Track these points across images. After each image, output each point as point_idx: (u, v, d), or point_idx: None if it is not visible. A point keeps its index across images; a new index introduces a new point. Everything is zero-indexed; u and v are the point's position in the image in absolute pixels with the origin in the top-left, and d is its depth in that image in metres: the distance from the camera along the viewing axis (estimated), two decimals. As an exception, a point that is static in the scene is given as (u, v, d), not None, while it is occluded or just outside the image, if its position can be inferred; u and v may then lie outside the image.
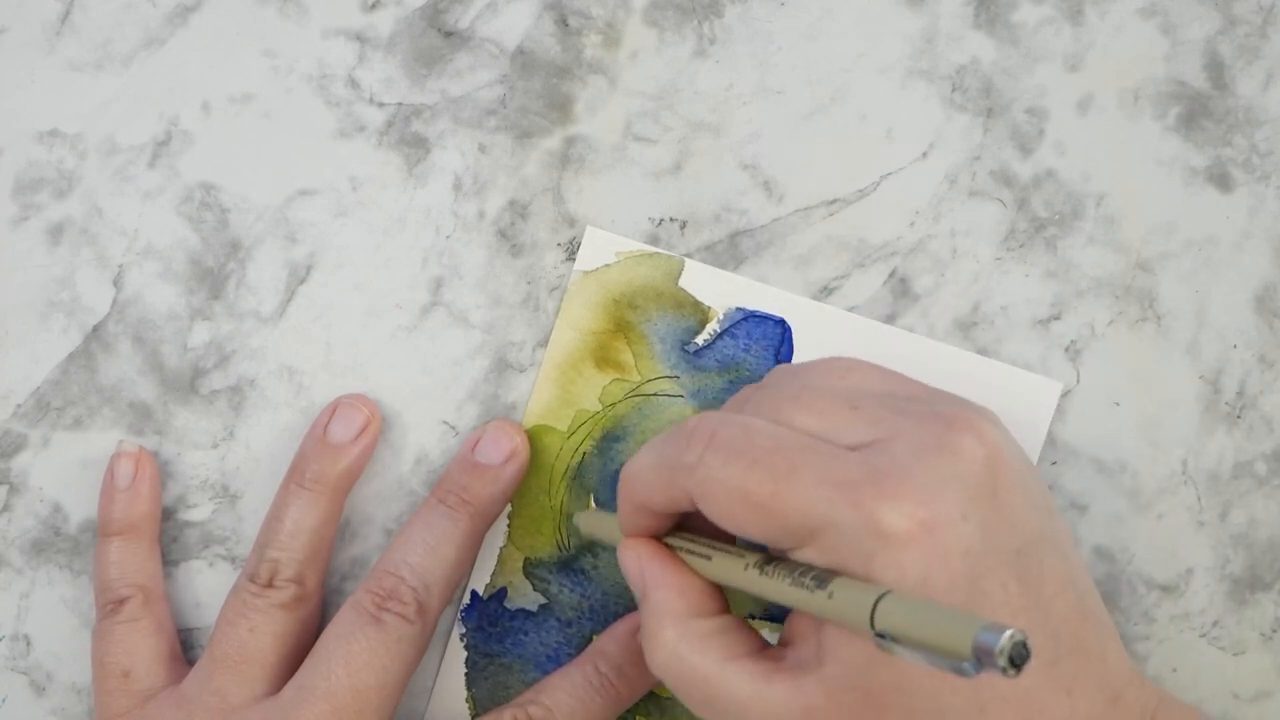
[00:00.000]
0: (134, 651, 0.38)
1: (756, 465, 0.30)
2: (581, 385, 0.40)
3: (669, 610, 0.32)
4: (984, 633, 0.24)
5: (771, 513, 0.30)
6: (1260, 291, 0.39)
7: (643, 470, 0.33)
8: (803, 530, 0.29)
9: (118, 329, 0.41)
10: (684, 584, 0.33)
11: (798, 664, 0.31)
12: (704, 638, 0.32)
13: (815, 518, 0.29)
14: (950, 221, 0.40)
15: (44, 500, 0.41)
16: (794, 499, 0.29)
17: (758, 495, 0.30)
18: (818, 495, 0.29)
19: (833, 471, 0.29)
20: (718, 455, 0.31)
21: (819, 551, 0.29)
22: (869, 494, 0.29)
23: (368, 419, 0.39)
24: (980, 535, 0.29)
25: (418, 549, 0.37)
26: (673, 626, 0.32)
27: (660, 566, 0.33)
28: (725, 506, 0.30)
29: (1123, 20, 0.40)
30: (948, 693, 0.29)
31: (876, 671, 0.29)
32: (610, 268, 0.40)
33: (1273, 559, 0.39)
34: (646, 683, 0.38)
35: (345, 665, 0.35)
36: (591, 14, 0.41)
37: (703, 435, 0.31)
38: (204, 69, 0.41)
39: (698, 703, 0.32)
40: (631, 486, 0.33)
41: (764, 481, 0.30)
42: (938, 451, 0.30)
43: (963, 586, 0.28)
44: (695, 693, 0.32)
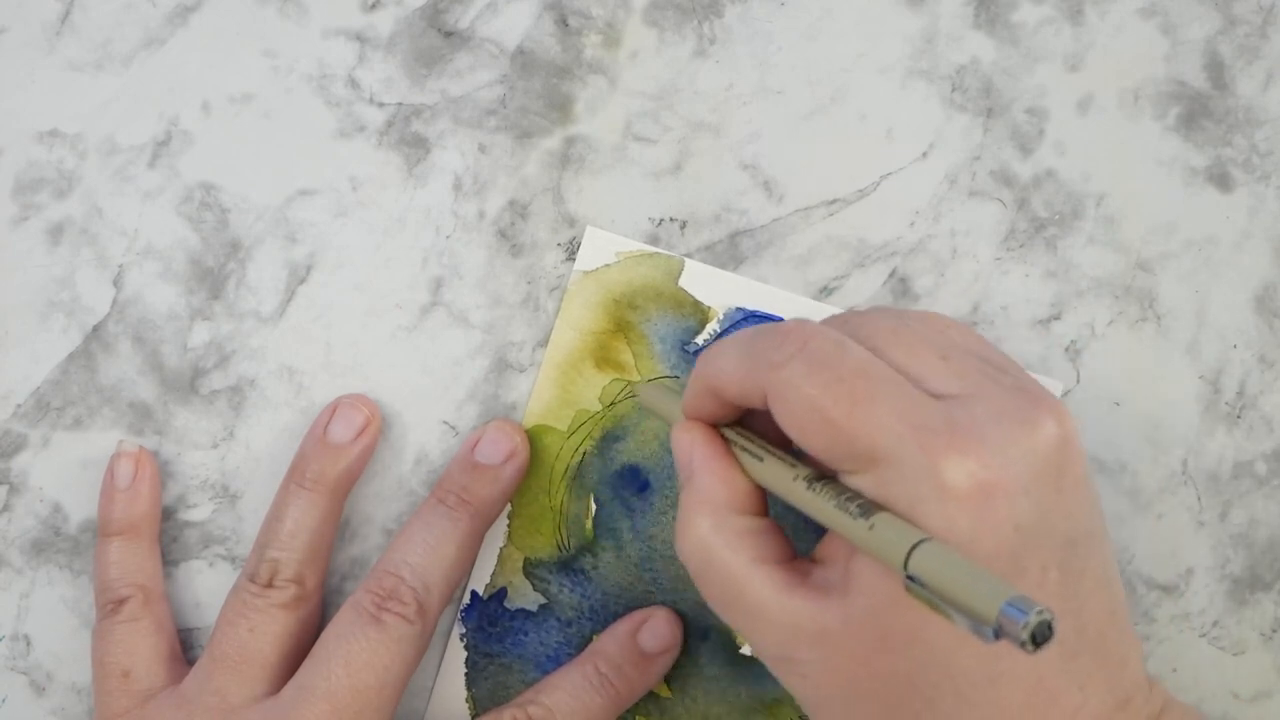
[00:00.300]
0: (134, 651, 0.38)
1: (840, 383, 0.30)
2: (582, 385, 0.40)
3: (710, 497, 0.32)
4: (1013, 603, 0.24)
5: (840, 431, 0.29)
6: (1260, 291, 0.39)
7: (726, 355, 0.32)
8: (864, 457, 0.29)
9: (118, 329, 0.41)
10: (730, 476, 0.33)
11: (823, 584, 0.30)
12: (738, 534, 0.32)
13: (881, 449, 0.29)
14: (950, 221, 0.40)
15: (44, 500, 0.41)
16: (866, 425, 0.29)
17: (832, 412, 0.29)
18: (890, 428, 0.29)
19: (911, 411, 0.29)
20: (805, 363, 0.30)
21: (873, 482, 0.29)
22: (940, 442, 0.28)
23: (368, 419, 0.39)
24: (1036, 515, 0.29)
25: (418, 549, 0.37)
26: (711, 515, 0.32)
27: (711, 453, 0.33)
28: (797, 413, 0.30)
29: (1123, 20, 0.40)
30: (963, 655, 0.29)
31: (898, 614, 0.29)
32: (610, 268, 0.40)
33: (1273, 559, 0.39)
34: (646, 683, 0.38)
35: (345, 665, 0.35)
36: (591, 14, 0.41)
37: (796, 339, 0.31)
38: (204, 69, 0.41)
39: (716, 596, 0.32)
40: (710, 368, 0.33)
41: (842, 400, 0.29)
42: (1016, 422, 0.29)
43: (1005, 559, 0.28)
44: (716, 586, 0.31)
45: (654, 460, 0.40)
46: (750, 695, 0.39)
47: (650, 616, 0.39)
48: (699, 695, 0.39)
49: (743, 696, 0.39)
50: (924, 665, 0.29)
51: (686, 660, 0.39)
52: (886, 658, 0.29)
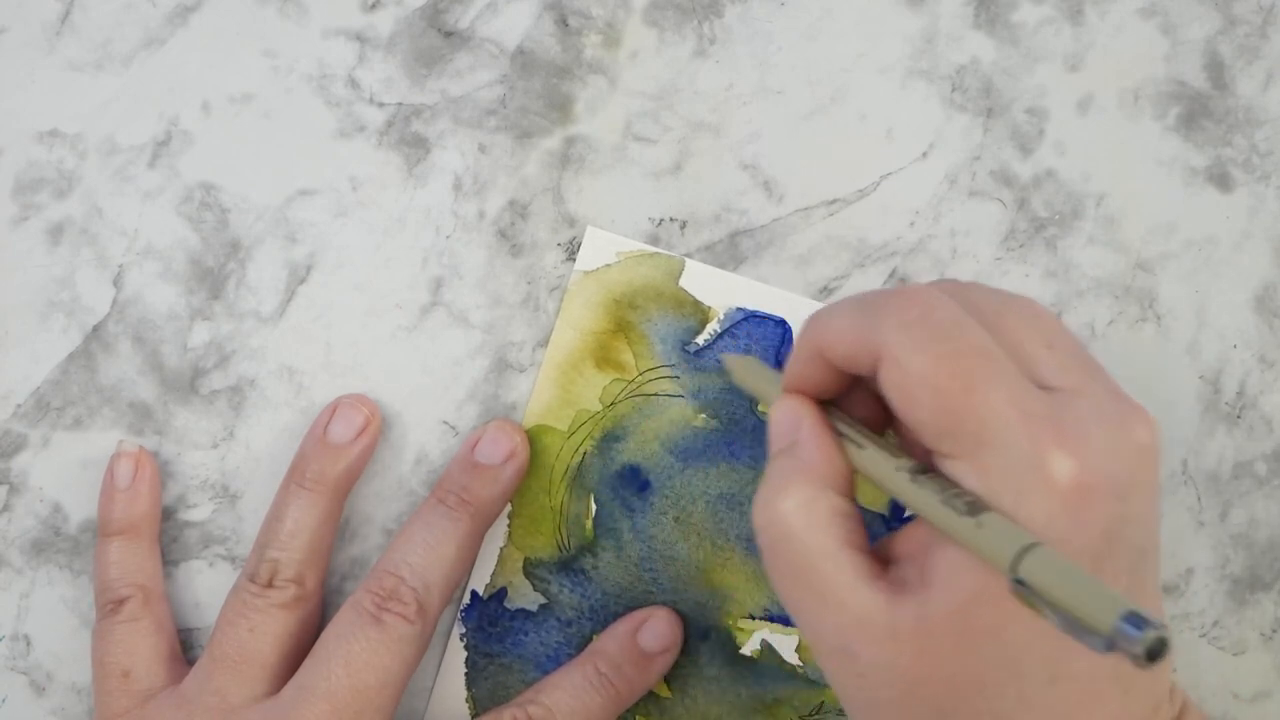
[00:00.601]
0: (134, 651, 0.38)
1: (960, 359, 0.29)
2: (582, 385, 0.40)
3: (812, 470, 0.31)
4: (1129, 618, 0.24)
5: (951, 409, 0.29)
6: (1260, 291, 0.39)
7: (840, 317, 0.31)
8: (971, 438, 0.29)
9: (118, 329, 0.41)
10: (834, 454, 0.32)
11: (900, 580, 0.30)
12: (832, 513, 0.31)
13: (990, 433, 0.28)
14: (950, 221, 0.40)
15: (44, 500, 0.41)
16: (979, 406, 0.28)
17: (948, 387, 0.29)
18: (1002, 414, 0.28)
19: (1022, 399, 0.29)
20: (926, 331, 0.29)
21: (975, 467, 0.29)
22: (1048, 434, 0.28)
23: (368, 419, 0.39)
24: (1121, 521, 0.29)
25: (418, 549, 0.37)
26: (809, 488, 0.31)
27: (820, 427, 0.32)
28: (910, 381, 0.29)
29: (1123, 20, 0.40)
30: (1031, 657, 0.28)
31: (978, 614, 0.28)
32: (610, 268, 0.40)
33: (1273, 559, 0.39)
34: (646, 682, 0.38)
35: (345, 665, 0.35)
36: (591, 14, 0.41)
37: (919, 305, 0.30)
38: (204, 69, 0.41)
39: (786, 572, 0.31)
40: (820, 329, 0.32)
41: (959, 377, 0.29)
42: (1117, 426, 0.29)
43: (1088, 560, 0.28)
44: (790, 560, 0.30)
45: (654, 460, 0.40)
46: (750, 695, 0.39)
47: (650, 616, 0.39)
48: (699, 695, 0.39)
49: (743, 696, 0.39)
50: (994, 666, 0.29)
51: (686, 660, 0.39)
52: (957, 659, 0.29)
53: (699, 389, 0.40)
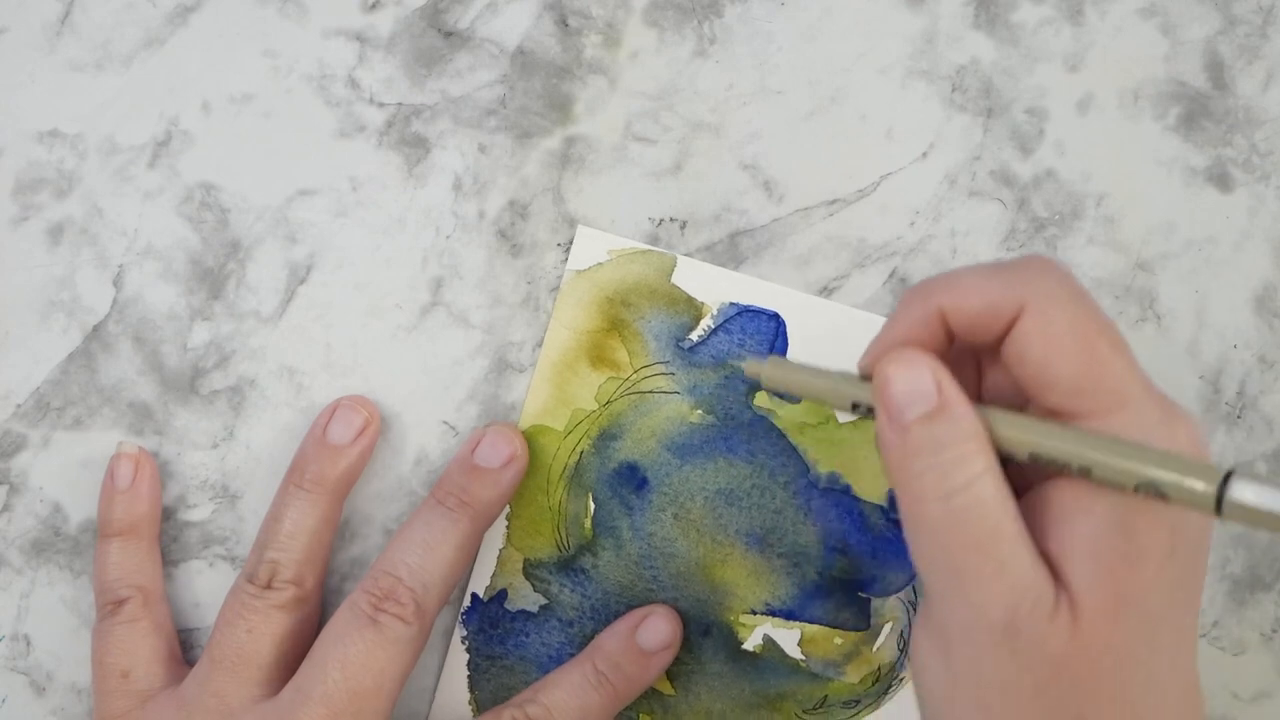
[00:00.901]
0: (133, 652, 0.38)
1: (1102, 318, 0.29)
2: (577, 384, 0.40)
3: (981, 435, 0.29)
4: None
5: (1099, 364, 0.28)
6: (1260, 291, 0.39)
7: (969, 274, 0.30)
8: (1113, 397, 0.28)
9: (118, 329, 0.41)
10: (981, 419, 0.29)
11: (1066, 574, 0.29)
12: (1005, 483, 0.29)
13: (1129, 393, 0.28)
14: (950, 221, 0.40)
15: (44, 500, 0.41)
16: (1121, 366, 0.29)
17: (1098, 341, 0.29)
18: (1136, 377, 0.29)
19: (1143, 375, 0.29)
20: (1069, 289, 0.29)
21: (1114, 426, 0.28)
22: (1167, 403, 0.29)
23: (367, 420, 0.39)
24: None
25: (416, 549, 0.37)
26: (986, 454, 0.29)
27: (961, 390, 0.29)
28: (1058, 333, 0.29)
29: (1123, 20, 0.40)
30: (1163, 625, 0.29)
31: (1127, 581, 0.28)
32: (603, 266, 0.40)
33: (1273, 559, 0.39)
34: (645, 680, 0.38)
35: (342, 667, 0.35)
36: (591, 14, 0.41)
37: (1058, 268, 0.30)
38: (204, 69, 0.41)
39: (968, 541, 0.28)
40: (949, 287, 0.30)
41: (1104, 333, 0.29)
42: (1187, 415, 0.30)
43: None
44: (976, 530, 0.28)
45: (651, 458, 0.40)
46: (753, 691, 0.39)
47: (649, 614, 0.39)
48: (702, 692, 0.39)
49: (745, 692, 0.39)
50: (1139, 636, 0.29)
51: (689, 657, 0.39)
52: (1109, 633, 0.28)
53: (694, 385, 0.40)
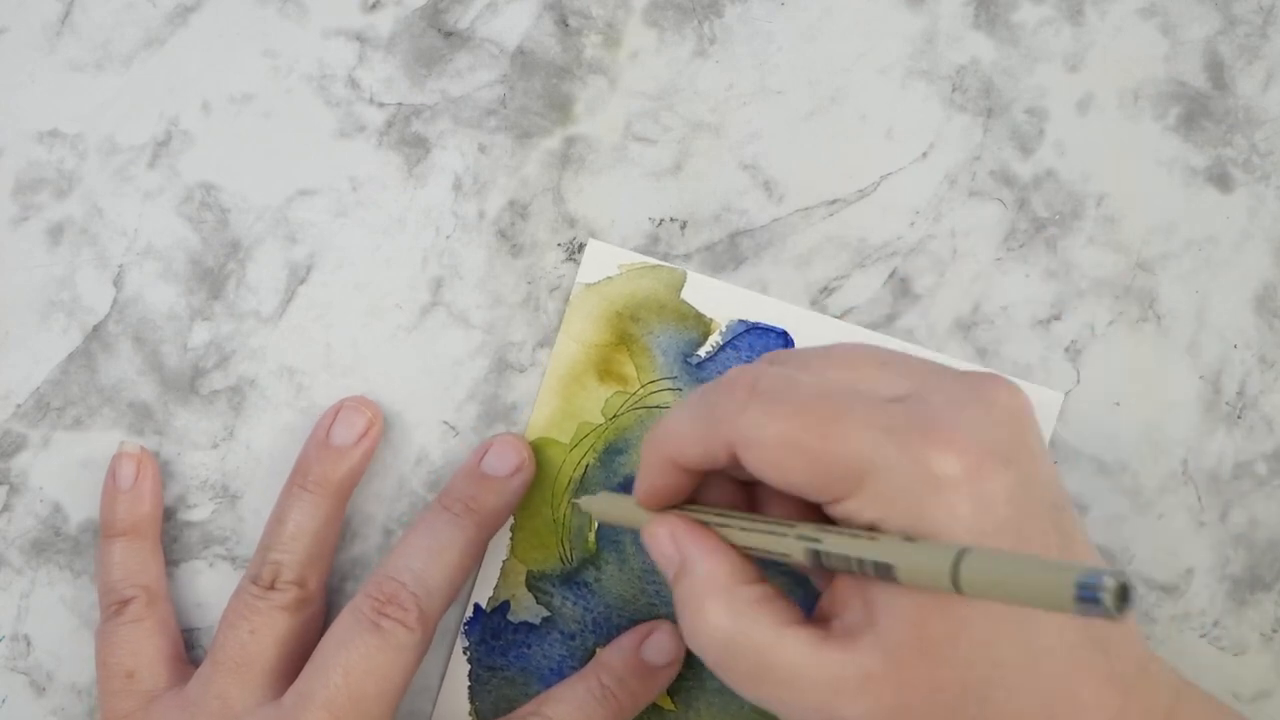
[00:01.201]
0: (138, 652, 0.38)
1: (803, 411, 0.29)
2: (584, 398, 0.40)
3: (714, 580, 0.31)
4: (1083, 579, 0.24)
5: (820, 458, 0.29)
6: (1260, 291, 0.39)
7: (679, 423, 0.32)
8: (850, 476, 0.29)
9: (118, 329, 0.41)
10: (725, 552, 0.32)
11: (848, 630, 0.30)
12: (752, 605, 0.31)
13: (864, 462, 0.29)
14: (950, 221, 0.40)
15: (44, 500, 0.41)
16: (843, 443, 0.29)
17: (806, 440, 0.29)
18: (866, 439, 0.29)
19: (878, 417, 0.29)
20: (762, 403, 0.30)
21: (865, 500, 0.29)
22: (916, 439, 0.28)
23: (369, 421, 0.39)
24: (1020, 484, 0.29)
25: (420, 555, 0.37)
26: (721, 596, 0.31)
27: (697, 535, 0.32)
28: (771, 453, 0.30)
29: (1123, 20, 0.40)
30: (1003, 644, 0.29)
31: (933, 625, 0.29)
32: (612, 280, 0.40)
33: (1273, 559, 0.39)
34: (649, 695, 0.38)
35: (344, 672, 0.35)
36: (591, 14, 0.41)
37: (744, 385, 0.30)
38: (204, 69, 0.41)
39: (746, 675, 0.31)
40: (664, 440, 0.32)
41: (811, 426, 0.29)
42: (975, 402, 0.30)
43: (1010, 533, 0.28)
44: (746, 664, 0.31)
45: None
46: (753, 707, 0.39)
47: (654, 629, 0.39)
48: (702, 708, 0.39)
49: (745, 709, 0.39)
50: (970, 664, 0.29)
51: (689, 673, 0.39)
52: (933, 671, 0.29)
53: None
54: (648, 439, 0.33)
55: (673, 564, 0.32)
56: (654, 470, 0.33)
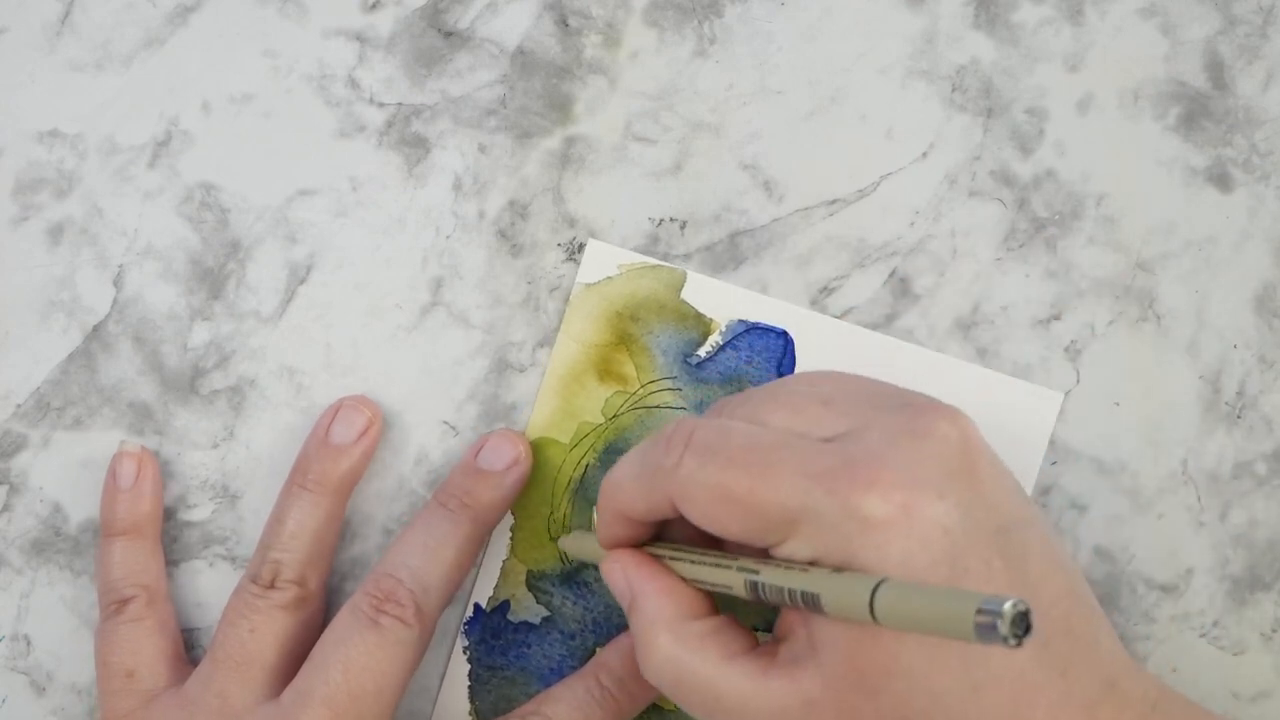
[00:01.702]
0: (138, 652, 0.38)
1: (733, 463, 0.30)
2: (584, 398, 0.40)
3: (660, 615, 0.33)
4: (984, 608, 0.24)
5: (750, 508, 0.30)
6: (1260, 291, 0.39)
7: (623, 479, 0.33)
8: (782, 523, 0.30)
9: (118, 329, 0.41)
10: (672, 587, 0.33)
11: (792, 658, 0.31)
12: (700, 639, 0.32)
13: (794, 510, 0.29)
14: (950, 221, 0.40)
15: (44, 500, 0.41)
16: (772, 493, 0.30)
17: (736, 492, 0.30)
18: (795, 487, 0.29)
19: (808, 463, 0.30)
20: (696, 456, 0.31)
21: (801, 543, 0.30)
22: (844, 481, 0.29)
23: (369, 420, 0.39)
24: (959, 514, 0.29)
25: (417, 551, 0.37)
26: (667, 630, 0.32)
27: (647, 572, 0.33)
28: (705, 506, 0.31)
29: (1123, 20, 0.40)
30: (941, 674, 0.29)
31: (866, 657, 0.29)
32: (612, 280, 0.40)
33: (1273, 559, 0.39)
34: (648, 695, 0.38)
35: (343, 669, 0.35)
36: (591, 14, 0.41)
37: (680, 438, 0.32)
38: (204, 69, 0.41)
39: (697, 705, 0.32)
40: (612, 495, 0.34)
41: (740, 478, 0.30)
42: (910, 435, 0.30)
43: (945, 564, 0.29)
44: (694, 695, 0.32)
45: None
46: None
47: None
48: None
49: None
50: (907, 696, 0.29)
51: None
52: (872, 701, 0.29)
53: (701, 401, 0.40)
54: (601, 490, 0.34)
55: (625, 598, 0.34)
56: (608, 522, 0.34)
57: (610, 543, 0.35)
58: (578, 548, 0.38)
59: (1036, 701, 0.29)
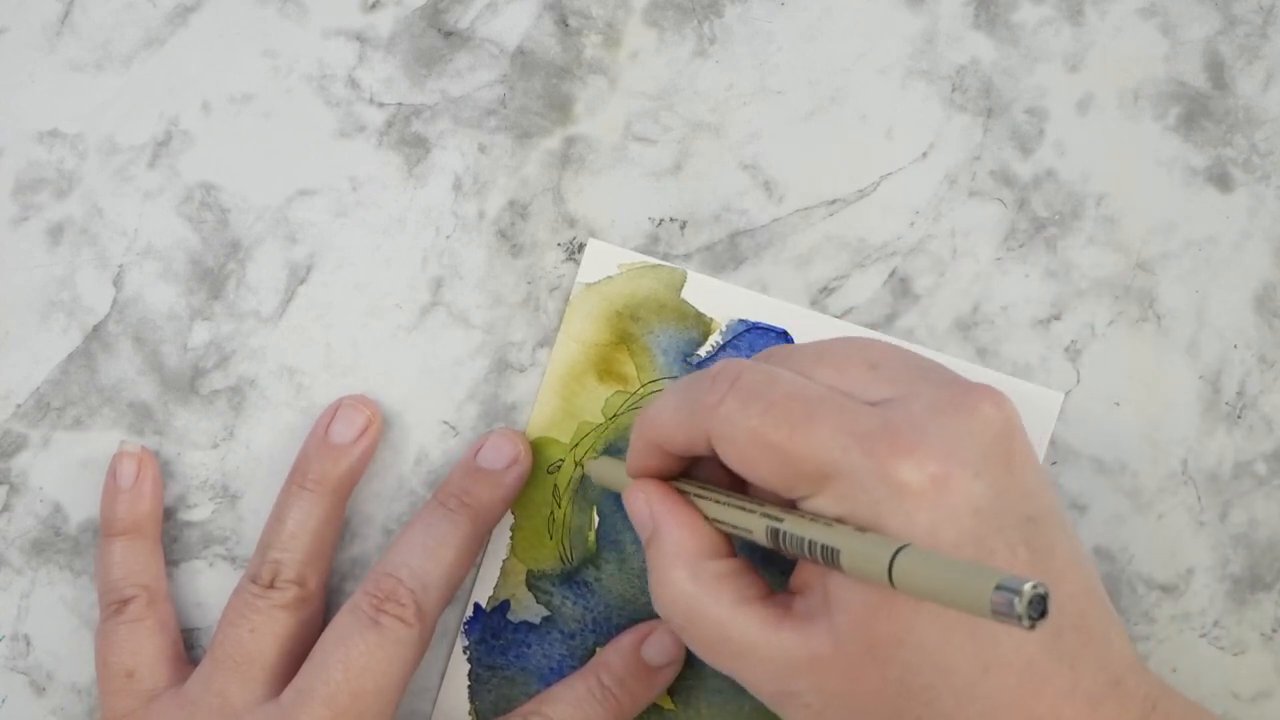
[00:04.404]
0: (138, 651, 0.38)
1: (775, 409, 0.30)
2: (584, 398, 0.40)
3: (681, 550, 0.32)
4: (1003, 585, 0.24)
5: (786, 457, 0.30)
6: (1260, 291, 0.39)
7: (664, 410, 0.33)
8: (816, 476, 0.30)
9: (118, 329, 0.41)
10: (695, 524, 0.33)
11: (806, 612, 0.31)
12: (716, 579, 0.32)
13: (829, 464, 0.29)
14: (950, 221, 0.40)
15: (44, 500, 0.41)
16: (809, 445, 0.30)
17: (774, 438, 0.30)
18: (833, 442, 0.29)
19: (850, 422, 0.30)
20: (739, 398, 0.31)
21: (830, 499, 0.30)
22: (884, 446, 0.29)
23: (369, 420, 0.39)
24: (991, 496, 0.29)
25: (417, 551, 0.37)
26: (685, 566, 0.32)
27: (671, 506, 0.33)
28: (742, 448, 0.31)
29: (1123, 20, 0.40)
30: (952, 650, 0.29)
31: (882, 624, 0.29)
32: (612, 280, 0.40)
33: (1273, 559, 0.39)
34: (649, 695, 0.38)
35: (344, 669, 0.35)
36: (591, 14, 0.41)
37: (726, 378, 0.31)
38: (204, 69, 0.41)
39: (704, 644, 0.32)
40: (650, 425, 0.33)
41: (781, 425, 0.30)
42: (954, 411, 0.30)
43: (970, 544, 0.29)
44: (703, 634, 0.32)
45: None
46: (753, 707, 0.39)
47: (654, 629, 0.39)
48: (702, 707, 0.39)
49: (745, 709, 0.39)
50: (916, 668, 0.29)
51: (690, 672, 0.39)
52: (879, 669, 0.29)
53: None
54: (637, 419, 0.34)
55: (646, 529, 0.34)
56: (641, 452, 0.34)
57: (638, 473, 0.34)
58: (604, 474, 0.38)
59: (1043, 690, 0.29)
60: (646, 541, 0.33)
